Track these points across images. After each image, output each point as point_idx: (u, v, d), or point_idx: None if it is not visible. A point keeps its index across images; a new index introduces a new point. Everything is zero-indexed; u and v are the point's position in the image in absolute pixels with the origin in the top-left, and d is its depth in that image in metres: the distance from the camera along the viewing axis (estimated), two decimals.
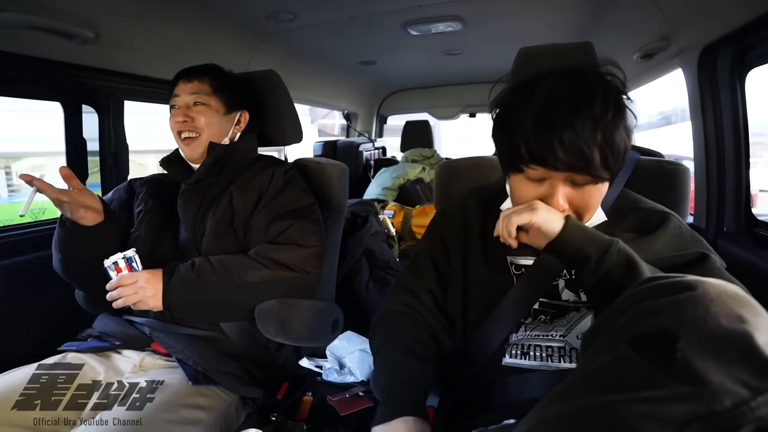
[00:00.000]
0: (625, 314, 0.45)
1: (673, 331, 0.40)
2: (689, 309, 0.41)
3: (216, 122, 1.10)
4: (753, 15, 1.08)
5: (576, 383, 0.45)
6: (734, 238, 1.35)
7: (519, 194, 0.73)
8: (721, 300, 0.40)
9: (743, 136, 1.34)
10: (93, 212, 0.98)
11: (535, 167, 0.67)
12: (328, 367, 1.23)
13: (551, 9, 1.71)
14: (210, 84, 1.10)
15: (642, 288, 0.47)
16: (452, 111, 3.43)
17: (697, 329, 0.39)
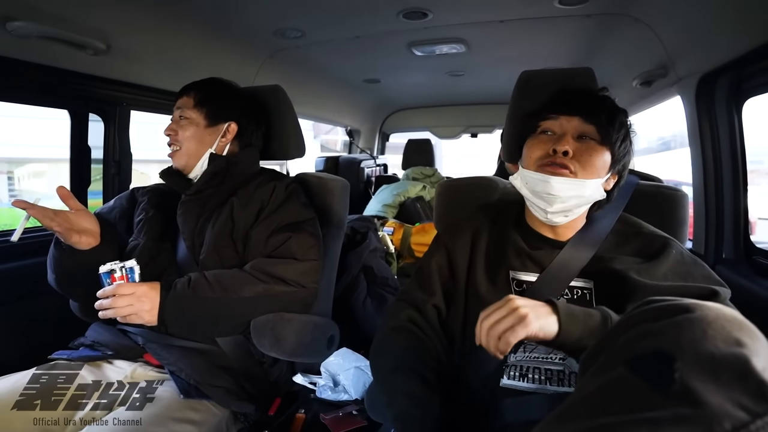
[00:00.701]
0: (623, 336, 0.45)
1: (670, 352, 0.40)
2: (687, 331, 0.41)
3: (195, 135, 1.10)
4: (749, 47, 1.11)
5: (574, 405, 0.45)
6: (733, 265, 1.35)
7: (530, 150, 0.81)
8: (719, 323, 0.41)
9: (741, 164, 1.36)
10: (88, 236, 0.99)
11: (550, 117, 0.80)
12: (322, 384, 1.21)
13: (553, 35, 1.75)
14: (193, 98, 1.12)
15: (641, 310, 0.47)
16: (454, 130, 3.47)
17: (695, 351, 0.39)
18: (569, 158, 0.76)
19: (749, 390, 0.36)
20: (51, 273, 1.04)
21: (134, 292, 0.92)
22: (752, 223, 1.46)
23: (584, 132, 0.78)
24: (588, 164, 0.76)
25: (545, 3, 1.41)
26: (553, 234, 0.82)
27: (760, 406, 0.35)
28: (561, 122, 0.79)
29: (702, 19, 1.23)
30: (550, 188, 0.75)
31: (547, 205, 0.77)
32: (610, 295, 0.75)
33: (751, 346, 0.39)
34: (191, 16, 1.46)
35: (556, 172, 0.76)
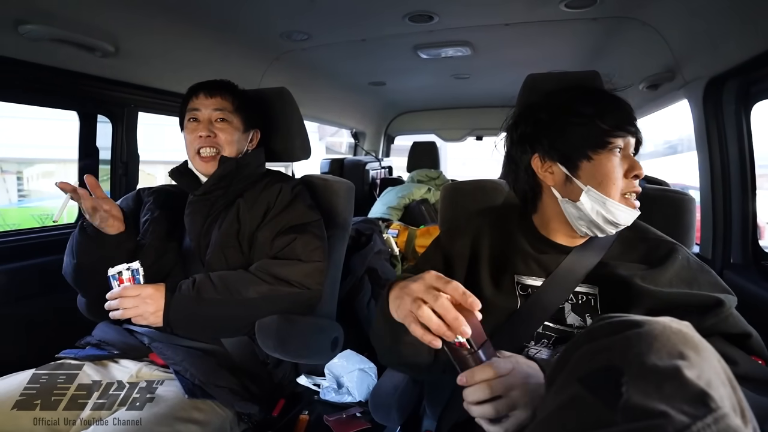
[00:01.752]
0: (577, 351, 0.46)
1: (619, 367, 0.41)
2: (634, 345, 0.42)
3: (236, 140, 1.12)
4: (757, 51, 1.10)
5: (539, 424, 0.46)
6: (740, 270, 1.34)
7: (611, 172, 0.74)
8: (664, 336, 0.42)
9: (749, 168, 1.34)
10: (117, 221, 1.01)
11: (620, 134, 0.74)
12: (326, 385, 1.21)
13: (558, 38, 1.74)
14: (232, 102, 1.12)
15: (596, 326, 0.47)
16: (459, 133, 3.47)
17: (641, 364, 0.40)
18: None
19: (688, 397, 0.38)
20: (71, 259, 1.04)
21: (139, 294, 0.94)
22: (761, 228, 1.45)
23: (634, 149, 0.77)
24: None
25: (551, 6, 1.41)
26: (563, 240, 0.81)
27: (699, 410, 0.37)
28: (627, 140, 0.75)
29: (709, 22, 1.23)
30: (630, 220, 0.75)
31: (613, 230, 0.76)
32: (614, 301, 0.74)
33: (692, 357, 0.40)
34: (199, 18, 1.48)
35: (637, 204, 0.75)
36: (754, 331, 0.69)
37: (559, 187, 0.78)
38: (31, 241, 1.40)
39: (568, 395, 0.43)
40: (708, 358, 0.41)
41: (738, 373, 0.62)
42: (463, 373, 0.59)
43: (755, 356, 0.68)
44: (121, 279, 0.97)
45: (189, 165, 1.15)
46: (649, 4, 1.35)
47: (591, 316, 0.76)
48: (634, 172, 0.74)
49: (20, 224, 5.07)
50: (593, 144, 0.74)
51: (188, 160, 1.14)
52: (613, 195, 0.73)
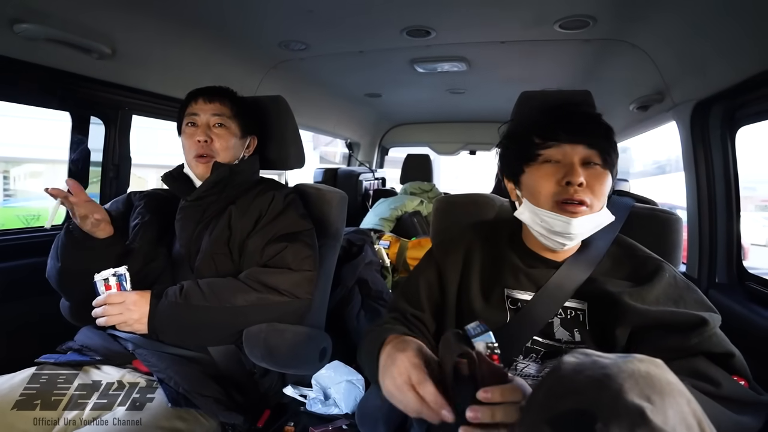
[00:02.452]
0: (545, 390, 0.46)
1: (590, 411, 0.41)
2: (605, 388, 0.42)
3: (232, 146, 1.12)
4: (743, 76, 1.14)
5: None
6: (726, 290, 1.36)
7: (538, 182, 0.76)
8: (633, 379, 0.42)
9: (734, 190, 1.38)
10: (107, 225, 1.01)
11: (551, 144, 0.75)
12: (313, 396, 1.19)
13: (552, 57, 1.78)
14: (230, 107, 1.13)
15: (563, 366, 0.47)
16: (453, 147, 3.50)
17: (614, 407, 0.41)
18: (584, 189, 0.73)
19: None
20: (56, 262, 1.02)
21: (124, 301, 0.94)
22: (745, 249, 1.48)
23: (589, 158, 0.74)
24: (599, 192, 0.74)
25: (545, 26, 1.44)
26: (550, 254, 0.82)
27: None
28: (565, 150, 0.74)
29: (697, 47, 1.27)
30: (572, 229, 0.73)
31: (567, 241, 0.77)
32: (602, 317, 0.75)
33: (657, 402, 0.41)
34: (198, 24, 1.49)
35: (576, 211, 0.73)
36: (737, 351, 0.70)
37: (516, 201, 0.83)
38: (14, 242, 1.37)
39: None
40: (674, 403, 0.42)
41: (720, 394, 0.63)
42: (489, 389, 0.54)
43: (737, 376, 0.68)
44: (107, 285, 0.96)
45: (185, 169, 1.14)
46: (639, 28, 1.39)
47: (579, 331, 0.76)
48: (566, 179, 0.73)
49: (4, 224, 4.97)
50: (525, 157, 0.78)
51: (185, 164, 1.14)
52: (543, 204, 0.75)
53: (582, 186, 0.72)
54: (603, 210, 0.76)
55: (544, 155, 0.75)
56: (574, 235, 0.75)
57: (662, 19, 1.29)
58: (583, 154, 0.74)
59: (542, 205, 0.75)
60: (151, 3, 1.30)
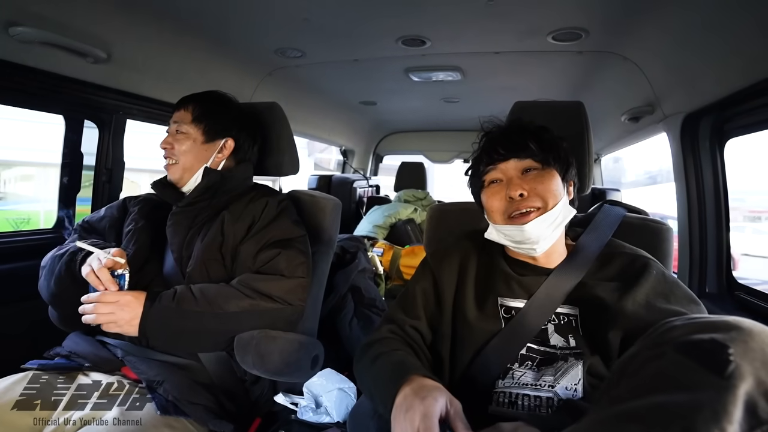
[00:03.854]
0: (681, 325, 0.48)
1: (724, 342, 0.43)
2: (740, 332, 0.44)
3: (191, 150, 1.11)
4: (731, 89, 1.16)
5: (622, 390, 0.47)
6: (716, 300, 1.37)
7: (489, 202, 0.83)
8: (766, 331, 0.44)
9: (723, 201, 1.40)
10: None
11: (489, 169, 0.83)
12: (304, 404, 1.18)
13: (546, 68, 1.81)
14: (192, 112, 1.12)
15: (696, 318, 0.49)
16: (447, 155, 3.52)
17: (745, 342, 0.43)
18: (527, 197, 0.78)
19: None
20: (49, 285, 1.01)
21: (118, 301, 0.92)
22: (735, 260, 1.49)
23: (525, 166, 0.80)
24: (546, 191, 0.78)
25: (539, 38, 1.47)
26: (540, 262, 0.84)
27: None
28: (500, 168, 0.82)
29: (687, 61, 1.29)
30: (528, 234, 0.78)
31: (535, 246, 0.80)
32: (594, 322, 0.76)
33: None
34: (194, 30, 1.49)
35: (525, 219, 0.78)
36: None
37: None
38: (3, 246, 1.35)
39: (660, 362, 0.45)
40: None
41: None
42: None
43: None
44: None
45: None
46: (631, 41, 1.42)
47: (573, 336, 0.77)
48: (508, 195, 0.79)
49: None
50: (476, 186, 0.87)
51: None
52: (498, 220, 0.82)
53: (524, 196, 0.78)
54: (558, 206, 0.79)
55: (488, 178, 0.84)
56: (534, 239, 0.78)
57: (653, 33, 1.32)
58: (517, 167, 0.81)
59: (498, 222, 0.82)
60: (148, 8, 1.30)
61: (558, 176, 0.81)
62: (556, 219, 0.79)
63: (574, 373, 0.73)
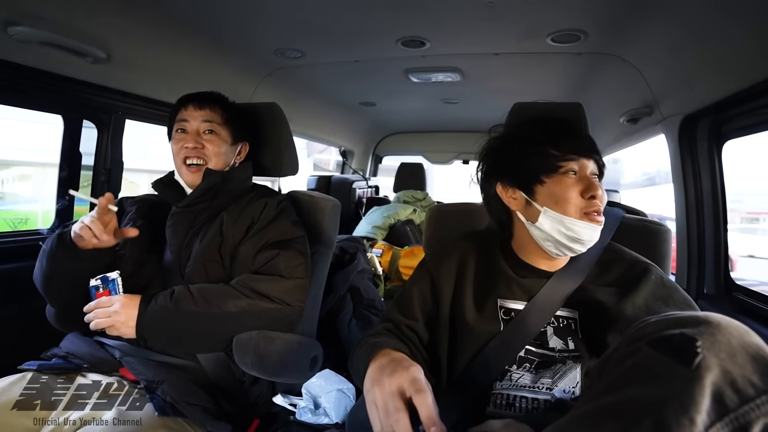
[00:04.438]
0: (650, 326, 0.49)
1: (693, 336, 0.44)
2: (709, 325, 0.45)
3: (223, 152, 1.12)
4: (729, 91, 1.16)
5: (602, 386, 0.48)
6: (714, 301, 1.37)
7: (566, 193, 0.77)
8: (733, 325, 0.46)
9: (721, 203, 1.40)
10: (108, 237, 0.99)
11: (572, 158, 0.78)
12: (303, 405, 1.18)
13: (545, 70, 1.81)
14: (221, 114, 1.13)
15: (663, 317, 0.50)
16: (446, 156, 3.52)
17: (712, 335, 0.44)
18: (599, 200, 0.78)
19: (760, 369, 0.42)
20: (45, 267, 1.00)
21: (113, 305, 0.93)
22: (733, 261, 1.50)
23: (594, 172, 0.80)
24: (604, 203, 0.79)
25: (538, 39, 1.47)
26: (543, 264, 0.83)
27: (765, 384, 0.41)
28: (582, 163, 0.78)
29: (685, 63, 1.30)
30: (594, 236, 0.78)
31: (582, 249, 0.79)
32: (593, 325, 0.76)
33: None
34: (194, 30, 1.49)
35: (600, 220, 0.78)
36: None
37: (522, 211, 0.82)
38: (1, 246, 1.35)
39: (635, 358, 0.46)
40: None
41: None
42: None
43: None
44: (98, 292, 0.96)
45: (175, 176, 1.14)
46: (629, 42, 1.42)
47: (573, 339, 0.77)
48: (589, 193, 0.77)
49: None
50: (546, 169, 0.78)
51: (174, 171, 1.13)
52: (570, 213, 0.77)
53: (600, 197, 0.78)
54: None
55: (565, 167, 0.78)
56: (592, 242, 0.78)
57: (651, 35, 1.32)
58: (592, 168, 0.79)
59: (572, 215, 0.77)
60: (147, 8, 1.30)
61: None
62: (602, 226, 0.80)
63: (572, 376, 0.74)
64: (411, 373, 0.63)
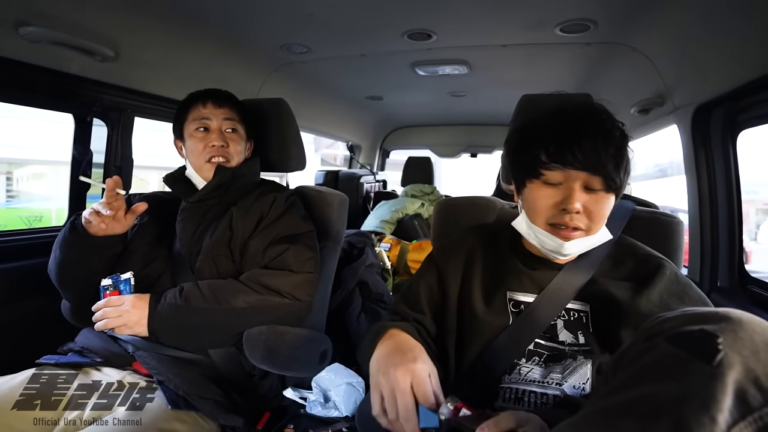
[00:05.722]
0: (667, 322, 0.48)
1: (713, 332, 0.42)
2: (730, 323, 0.44)
3: (242, 150, 1.15)
4: (743, 80, 1.14)
5: (619, 383, 0.46)
6: (728, 294, 1.35)
7: (536, 201, 0.75)
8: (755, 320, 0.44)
9: (736, 194, 1.37)
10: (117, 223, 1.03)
11: (555, 167, 0.72)
12: (313, 399, 1.19)
13: (553, 61, 1.78)
14: (238, 112, 1.15)
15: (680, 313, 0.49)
16: (454, 150, 3.50)
17: (734, 332, 0.42)
18: (580, 215, 0.72)
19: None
20: (58, 255, 1.02)
21: (123, 304, 0.95)
22: (747, 253, 1.47)
23: (590, 184, 0.72)
24: (597, 217, 0.73)
25: (546, 30, 1.45)
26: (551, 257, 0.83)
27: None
28: (568, 174, 0.72)
29: (698, 51, 1.27)
30: (564, 250, 0.74)
31: (560, 257, 0.78)
32: (605, 319, 0.75)
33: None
34: (201, 28, 1.49)
35: (569, 236, 0.73)
36: None
37: (520, 206, 0.82)
38: (16, 243, 1.38)
39: (653, 353, 0.45)
40: None
41: None
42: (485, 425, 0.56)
43: None
44: (106, 292, 0.98)
45: (186, 172, 1.15)
46: (640, 31, 1.39)
47: (583, 333, 0.76)
48: (562, 206, 0.72)
49: (7, 225, 4.99)
50: (528, 172, 0.76)
51: (189, 167, 1.15)
52: (538, 222, 0.76)
53: (579, 213, 0.72)
54: (602, 230, 0.76)
55: (546, 176, 0.73)
56: (566, 255, 0.76)
57: (662, 23, 1.29)
58: (584, 180, 0.72)
59: (537, 224, 0.76)
60: (155, 6, 1.31)
61: (613, 199, 0.75)
62: (593, 241, 0.76)
63: (582, 371, 0.73)
64: (413, 370, 0.64)
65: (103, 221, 0.98)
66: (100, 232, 1.00)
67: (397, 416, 0.62)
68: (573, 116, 0.74)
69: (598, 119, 0.74)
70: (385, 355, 0.68)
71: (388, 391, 0.63)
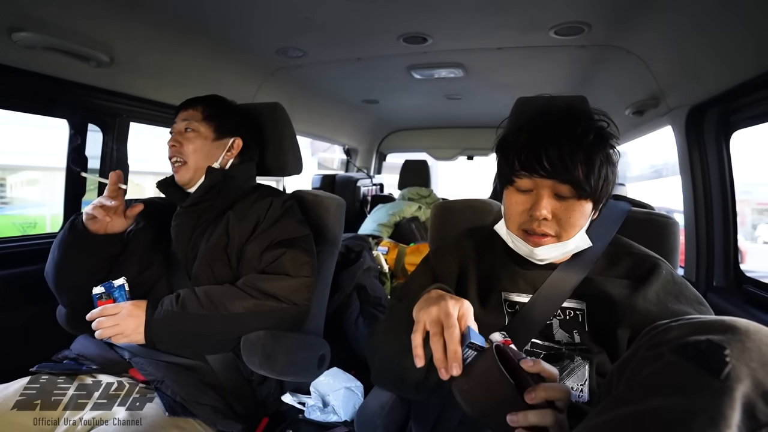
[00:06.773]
0: (672, 330, 0.47)
1: (720, 343, 0.42)
2: (737, 332, 0.43)
3: (202, 148, 1.11)
4: (737, 81, 1.15)
5: (623, 393, 0.46)
6: (723, 294, 1.36)
7: (509, 207, 0.78)
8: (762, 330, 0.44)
9: (730, 194, 1.38)
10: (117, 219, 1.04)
11: (523, 175, 0.73)
12: (311, 404, 1.18)
13: (548, 63, 1.79)
14: (202, 111, 1.13)
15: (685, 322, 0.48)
16: (450, 152, 3.51)
17: (741, 342, 0.42)
18: (548, 222, 0.73)
19: None
20: (57, 255, 1.02)
21: (119, 312, 0.94)
22: (743, 252, 1.48)
23: (559, 191, 0.72)
24: (567, 224, 0.73)
25: (541, 33, 1.46)
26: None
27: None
28: (535, 181, 0.73)
29: (691, 53, 1.28)
30: (536, 255, 0.77)
31: (535, 260, 0.79)
32: (601, 318, 0.75)
33: None
34: (196, 32, 1.49)
35: (539, 242, 0.75)
36: None
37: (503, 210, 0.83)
38: (11, 250, 1.36)
39: (659, 364, 0.44)
40: None
41: None
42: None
43: None
44: (100, 301, 0.97)
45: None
46: (634, 34, 1.41)
47: (578, 332, 0.76)
48: (529, 212, 0.74)
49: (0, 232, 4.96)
50: (503, 178, 0.78)
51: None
52: (511, 227, 0.79)
53: (547, 220, 0.73)
54: (575, 238, 0.76)
55: (517, 183, 0.75)
56: (541, 260, 0.78)
57: (656, 26, 1.31)
58: (552, 188, 0.72)
59: (511, 229, 0.79)
60: (150, 11, 1.30)
61: (589, 205, 0.74)
62: (567, 248, 0.76)
63: (580, 373, 0.73)
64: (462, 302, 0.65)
65: (107, 214, 0.99)
66: (101, 230, 1.00)
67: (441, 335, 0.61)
68: (545, 122, 0.74)
69: (569, 124, 0.72)
70: (434, 297, 0.67)
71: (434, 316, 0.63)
